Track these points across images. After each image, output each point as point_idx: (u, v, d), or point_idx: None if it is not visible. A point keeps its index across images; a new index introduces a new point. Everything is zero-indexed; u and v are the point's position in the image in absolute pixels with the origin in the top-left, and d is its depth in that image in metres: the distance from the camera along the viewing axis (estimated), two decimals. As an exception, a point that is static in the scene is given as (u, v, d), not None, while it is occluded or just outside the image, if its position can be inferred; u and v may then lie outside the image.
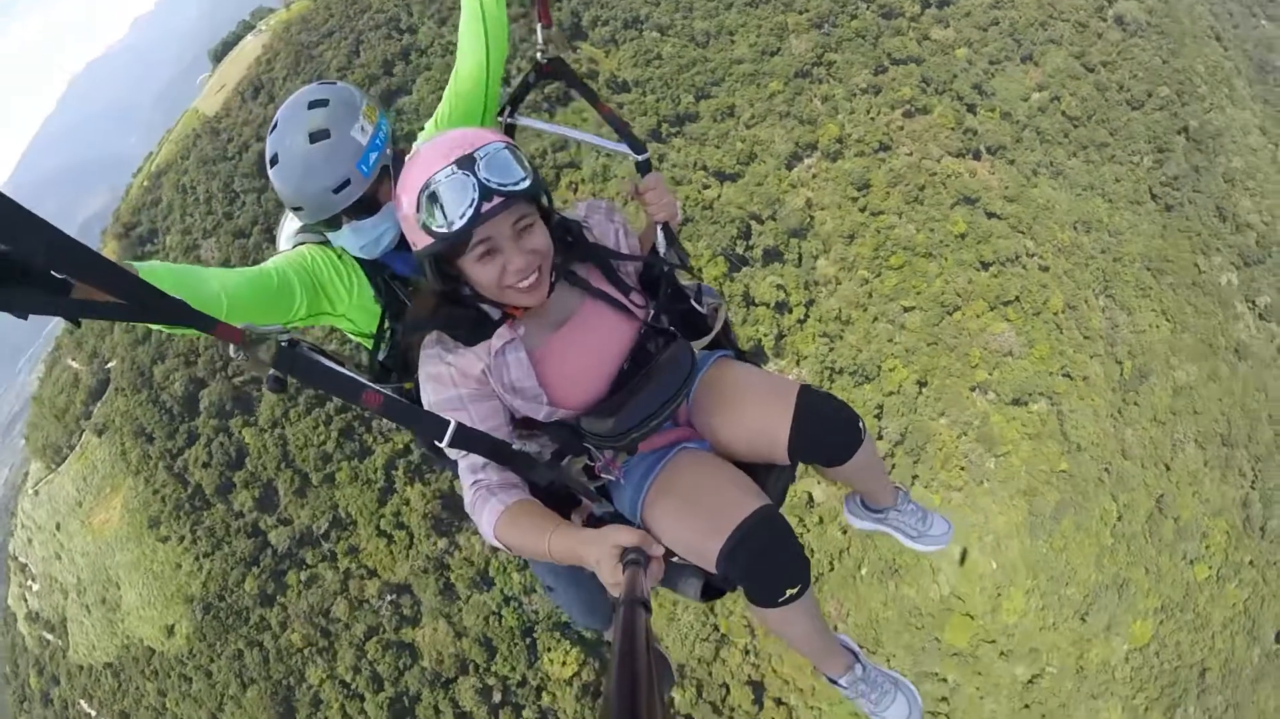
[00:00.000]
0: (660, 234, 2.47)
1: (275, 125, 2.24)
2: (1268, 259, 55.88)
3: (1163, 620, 47.07)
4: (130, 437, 46.78)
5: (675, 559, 2.21)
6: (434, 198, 1.81)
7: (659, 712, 0.87)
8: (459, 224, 1.80)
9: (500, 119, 2.79)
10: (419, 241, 1.89)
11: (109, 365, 49.75)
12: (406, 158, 2.21)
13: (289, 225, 2.62)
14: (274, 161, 2.22)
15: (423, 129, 2.70)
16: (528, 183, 1.85)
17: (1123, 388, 50.72)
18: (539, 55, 2.65)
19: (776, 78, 56.76)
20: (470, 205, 1.79)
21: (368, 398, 1.73)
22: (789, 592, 1.97)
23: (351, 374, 1.79)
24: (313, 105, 2.21)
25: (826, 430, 2.18)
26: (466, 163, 1.80)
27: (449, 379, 2.01)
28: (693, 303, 2.46)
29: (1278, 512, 50.25)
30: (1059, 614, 45.64)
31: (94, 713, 47.17)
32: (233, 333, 1.55)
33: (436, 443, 1.90)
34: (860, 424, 2.24)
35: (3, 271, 1.16)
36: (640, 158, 2.54)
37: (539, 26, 2.61)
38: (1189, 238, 55.28)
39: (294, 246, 2.48)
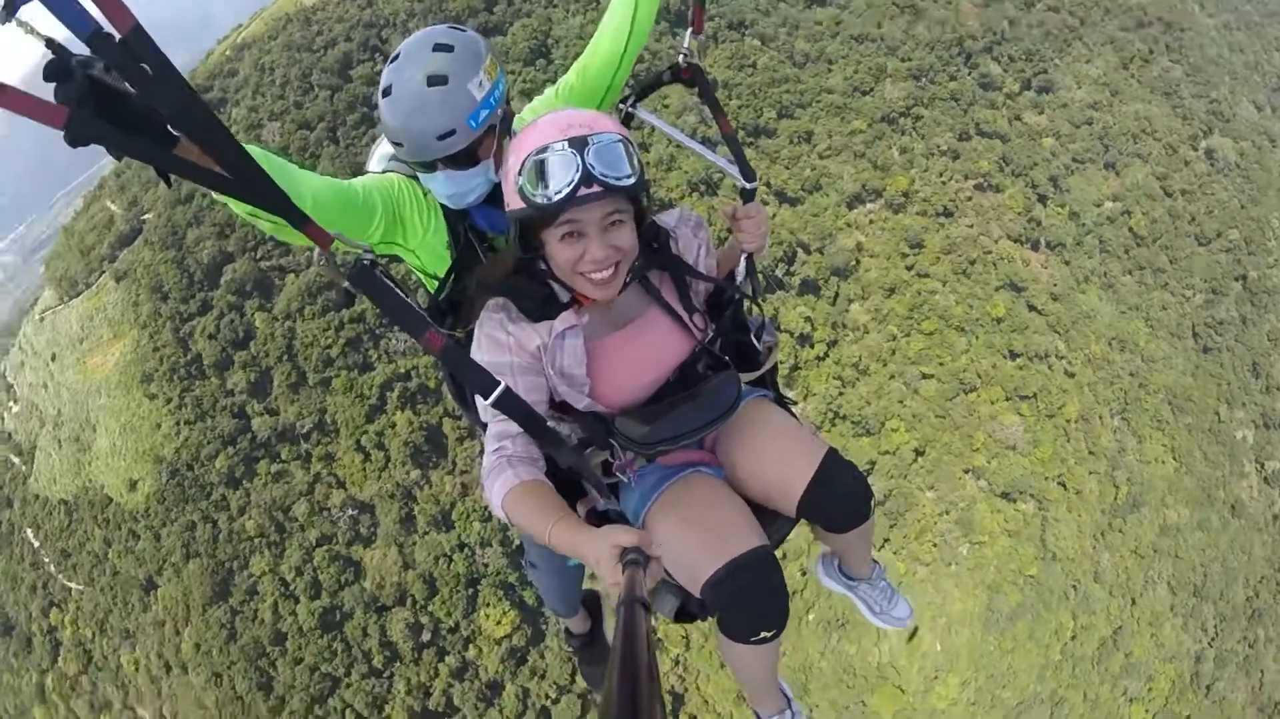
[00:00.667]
0: (743, 262, 2.50)
1: (396, 57, 2.25)
2: (1289, 427, 55.76)
3: (1087, 752, 47.12)
4: (147, 290, 47.23)
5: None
6: (539, 166, 1.84)
7: (659, 712, 0.87)
8: (554, 198, 1.83)
9: (621, 106, 2.78)
10: (513, 202, 1.95)
11: (145, 216, 50.16)
12: (516, 119, 2.36)
13: (383, 148, 2.65)
14: (387, 93, 2.23)
15: (540, 95, 2.75)
16: (631, 180, 1.88)
17: (1112, 512, 50.73)
18: (681, 59, 2.61)
19: (862, 117, 56.72)
20: (569, 185, 1.81)
21: (430, 337, 1.75)
22: (764, 634, 2.03)
23: (420, 310, 1.80)
24: (438, 48, 2.22)
25: (840, 500, 2.24)
26: (579, 144, 1.83)
27: (506, 346, 2.05)
28: (751, 337, 2.48)
29: (1227, 675, 50.11)
30: (988, 714, 45.68)
31: (37, 544, 47.84)
32: (324, 236, 1.59)
33: (481, 398, 1.94)
34: (872, 502, 2.29)
35: (121, 113, 1.21)
36: (749, 186, 2.52)
37: (689, 32, 2.58)
38: (1218, 384, 55.13)
39: (384, 171, 2.52)
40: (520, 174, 1.87)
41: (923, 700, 45.32)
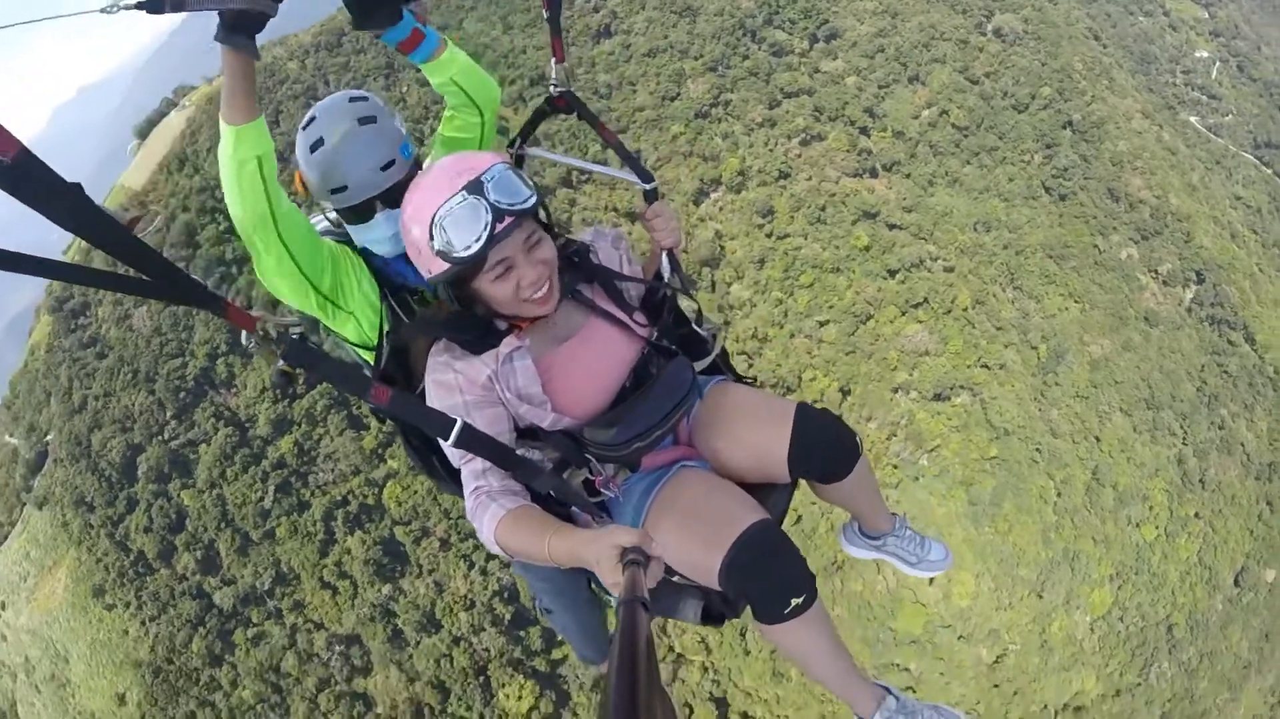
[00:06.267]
0: (665, 259, 2.72)
1: (313, 120, 2.49)
2: (1164, 230, 60.89)
3: (1120, 585, 50.33)
4: (71, 507, 48.67)
5: (676, 579, 2.34)
6: (448, 225, 1.97)
7: (658, 711, 0.91)
8: (476, 248, 1.96)
9: (510, 151, 3.03)
10: (433, 268, 2.06)
11: (47, 438, 51.94)
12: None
13: None
14: (317, 146, 2.44)
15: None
16: (534, 200, 2.05)
17: (1041, 371, 54.99)
18: (551, 89, 2.91)
19: (677, 121, 62.58)
20: (485, 228, 1.95)
21: (376, 393, 1.87)
22: (794, 601, 2.06)
23: (359, 368, 1.99)
24: (353, 99, 2.51)
25: (825, 446, 2.35)
26: (475, 188, 1.97)
27: (455, 386, 2.16)
28: (694, 326, 2.71)
29: (1213, 462, 54.01)
30: (1013, 594, 48.54)
31: (47, 801, 47.22)
32: (246, 319, 1.70)
33: (442, 440, 2.03)
34: (857, 438, 2.41)
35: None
36: (648, 186, 2.82)
37: (552, 61, 2.87)
38: (1085, 222, 60.44)
39: None
40: (432, 239, 2.00)
41: (946, 606, 47.97)
